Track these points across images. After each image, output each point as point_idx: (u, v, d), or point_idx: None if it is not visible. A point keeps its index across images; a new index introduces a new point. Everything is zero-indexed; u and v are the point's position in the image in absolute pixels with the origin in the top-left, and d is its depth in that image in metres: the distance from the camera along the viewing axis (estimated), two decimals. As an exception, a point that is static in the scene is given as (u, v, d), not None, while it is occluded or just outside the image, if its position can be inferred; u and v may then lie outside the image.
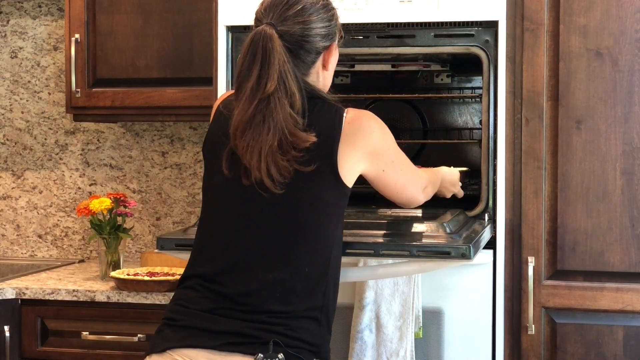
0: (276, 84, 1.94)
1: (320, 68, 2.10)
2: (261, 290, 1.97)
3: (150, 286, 2.92)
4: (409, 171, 2.22)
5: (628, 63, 2.57)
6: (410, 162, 2.25)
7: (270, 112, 1.93)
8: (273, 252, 1.99)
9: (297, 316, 1.98)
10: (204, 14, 3.13)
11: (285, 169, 1.95)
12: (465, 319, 2.60)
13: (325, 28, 2.05)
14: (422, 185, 2.29)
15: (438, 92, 3.18)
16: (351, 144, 2.03)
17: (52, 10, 3.73)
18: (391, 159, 2.13)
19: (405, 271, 2.32)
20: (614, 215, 2.58)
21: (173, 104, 3.24)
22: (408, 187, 2.21)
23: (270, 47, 1.94)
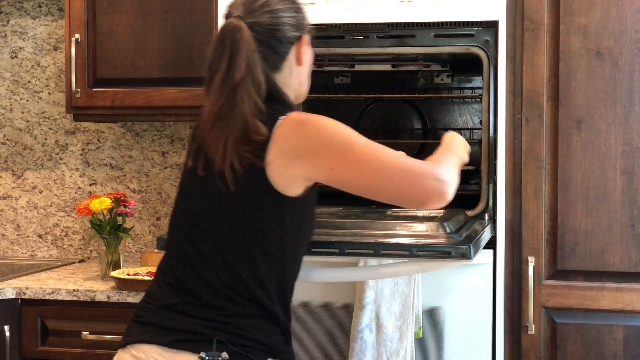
0: (244, 73, 1.93)
1: (294, 63, 2.05)
2: (214, 288, 1.97)
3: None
4: (381, 161, 1.91)
5: (628, 63, 2.57)
6: (393, 151, 1.94)
7: (237, 101, 1.92)
8: (227, 250, 1.98)
9: (248, 315, 1.97)
10: (204, 14, 3.13)
11: (246, 159, 1.92)
12: (465, 319, 2.60)
13: (294, 18, 2.02)
14: (421, 176, 1.89)
15: (438, 92, 3.18)
16: (284, 149, 1.92)
17: (52, 10, 3.73)
18: (340, 154, 1.91)
19: (405, 271, 2.32)
20: (614, 215, 2.58)
21: (173, 104, 3.23)
22: (388, 180, 1.89)
23: (239, 37, 1.94)
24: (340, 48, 2.74)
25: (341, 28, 2.72)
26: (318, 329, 2.67)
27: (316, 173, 1.95)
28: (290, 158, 1.92)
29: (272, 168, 1.93)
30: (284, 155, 1.92)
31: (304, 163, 1.93)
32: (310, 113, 2.00)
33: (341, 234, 2.26)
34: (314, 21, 2.69)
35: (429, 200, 1.91)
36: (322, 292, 2.67)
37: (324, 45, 2.74)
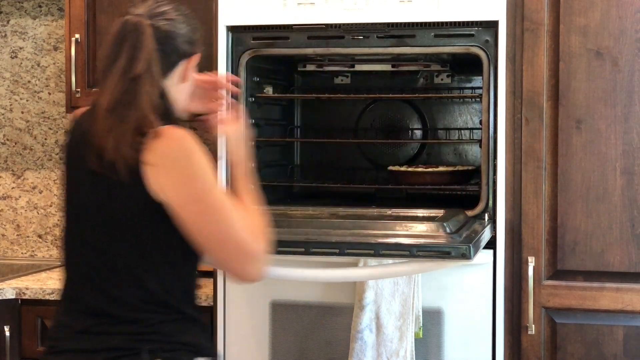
0: (145, 67, 1.93)
1: (179, 77, 2.05)
2: (128, 304, 1.94)
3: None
4: (226, 225, 1.90)
5: (628, 63, 2.57)
6: (237, 217, 1.93)
7: (137, 93, 1.92)
8: (129, 265, 1.94)
9: (168, 320, 1.97)
10: (204, 14, 3.13)
11: (139, 152, 1.89)
12: (465, 319, 2.60)
13: (189, 34, 2.06)
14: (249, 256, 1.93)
15: (438, 92, 3.18)
16: (153, 160, 1.89)
17: (52, 10, 3.73)
18: (198, 196, 1.89)
19: (405, 271, 2.32)
20: (614, 215, 2.58)
21: (173, 104, 3.23)
22: (223, 247, 1.91)
23: (141, 32, 1.95)
24: (340, 48, 2.74)
25: (341, 28, 2.72)
26: (318, 329, 2.67)
27: (168, 197, 1.89)
28: (156, 170, 1.89)
29: (151, 170, 1.89)
30: (159, 164, 1.89)
31: (167, 180, 1.89)
32: (193, 140, 1.96)
33: (341, 234, 2.26)
34: (314, 21, 2.70)
35: (244, 279, 1.97)
36: (322, 292, 2.67)
37: (324, 45, 2.74)
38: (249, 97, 2.86)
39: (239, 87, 2.80)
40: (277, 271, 2.32)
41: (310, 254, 2.24)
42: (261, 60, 2.90)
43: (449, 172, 2.94)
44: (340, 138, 3.23)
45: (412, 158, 3.25)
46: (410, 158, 3.25)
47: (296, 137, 3.28)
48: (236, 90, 2.38)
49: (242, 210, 2.00)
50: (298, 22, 2.72)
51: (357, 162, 3.28)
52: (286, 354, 2.70)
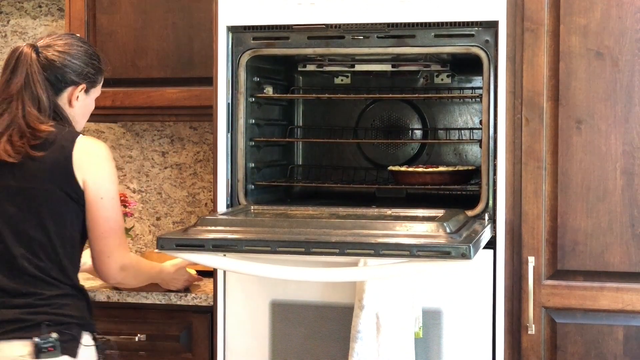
0: (21, 86, 2.37)
1: (67, 101, 2.47)
2: (25, 278, 2.30)
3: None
4: (115, 222, 2.41)
5: (628, 63, 2.57)
6: (123, 224, 2.47)
7: (11, 110, 2.37)
8: (30, 241, 2.32)
9: (62, 295, 2.31)
10: (204, 14, 3.13)
11: (20, 147, 2.32)
12: (465, 319, 2.60)
13: (80, 67, 2.48)
14: (119, 256, 2.43)
15: (438, 92, 3.18)
16: (79, 159, 2.35)
17: (52, 10, 3.73)
18: (112, 194, 2.40)
19: (405, 271, 2.32)
20: (614, 215, 2.58)
21: (173, 104, 3.24)
22: (105, 239, 2.40)
23: (22, 58, 2.41)
24: (340, 48, 2.74)
25: (341, 28, 2.72)
26: (318, 329, 2.67)
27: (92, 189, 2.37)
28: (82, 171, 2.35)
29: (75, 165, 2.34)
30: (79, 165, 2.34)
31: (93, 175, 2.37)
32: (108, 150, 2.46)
33: (341, 234, 2.26)
34: (314, 21, 2.70)
35: (102, 274, 2.44)
36: (322, 292, 2.67)
37: (324, 45, 2.74)
38: (249, 97, 2.86)
39: (239, 88, 2.81)
40: (277, 271, 2.32)
41: (310, 254, 2.23)
42: (261, 60, 2.90)
43: (449, 172, 2.94)
44: (340, 138, 3.23)
45: (412, 158, 3.25)
46: (410, 158, 3.25)
47: (296, 137, 3.29)
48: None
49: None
50: (298, 22, 2.73)
51: (357, 162, 3.28)
52: (286, 354, 2.70)
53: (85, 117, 2.56)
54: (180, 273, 2.83)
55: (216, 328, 2.78)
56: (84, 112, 2.54)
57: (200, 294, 2.91)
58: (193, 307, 2.92)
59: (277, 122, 3.19)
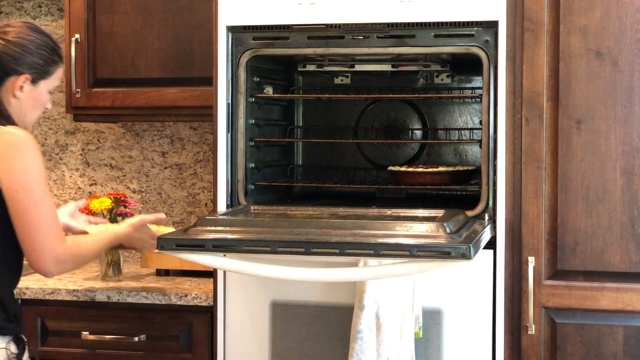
0: None
1: (11, 92, 2.38)
2: None
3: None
4: (42, 219, 2.30)
5: (628, 63, 2.57)
6: (54, 217, 2.34)
7: None
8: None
9: None
10: (204, 14, 3.13)
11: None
12: (465, 319, 2.60)
13: (23, 55, 2.38)
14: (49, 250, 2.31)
15: (438, 92, 3.18)
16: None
17: (52, 10, 3.73)
18: (29, 187, 2.28)
19: (405, 271, 2.32)
20: (614, 215, 2.58)
21: (173, 104, 3.24)
22: (30, 232, 2.29)
23: None
24: (340, 48, 2.74)
25: (341, 28, 2.72)
26: (318, 329, 2.67)
27: (3, 183, 2.27)
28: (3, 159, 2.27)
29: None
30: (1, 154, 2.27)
31: (6, 168, 2.26)
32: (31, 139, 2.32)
33: (341, 234, 2.26)
34: (314, 21, 2.70)
35: (38, 268, 2.33)
36: (322, 292, 2.67)
37: (324, 45, 2.74)
38: (249, 97, 2.86)
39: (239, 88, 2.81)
40: (277, 271, 2.32)
41: (310, 254, 2.23)
42: (261, 60, 2.90)
43: (449, 173, 2.94)
44: (340, 138, 3.23)
45: (412, 158, 3.25)
46: (410, 158, 3.25)
47: (296, 137, 3.28)
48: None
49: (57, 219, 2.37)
50: (298, 22, 2.73)
51: (357, 162, 3.28)
52: (286, 354, 2.70)
53: (36, 109, 2.45)
54: (142, 231, 2.66)
55: (216, 328, 2.78)
56: (33, 103, 2.43)
57: (200, 294, 2.91)
58: (193, 307, 2.92)
59: (277, 122, 3.19)
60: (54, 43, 2.46)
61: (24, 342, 2.38)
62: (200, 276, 3.21)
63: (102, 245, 2.55)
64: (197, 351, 2.93)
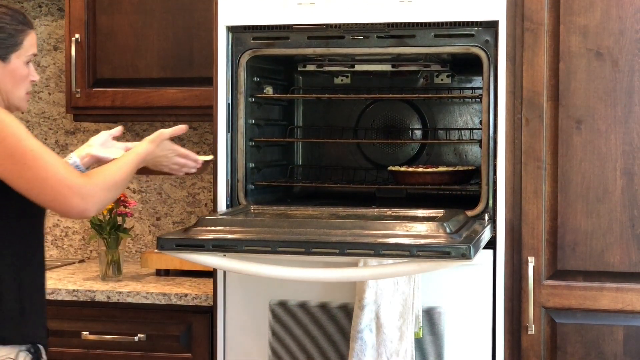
0: None
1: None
2: None
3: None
4: (40, 167, 2.08)
5: (628, 63, 2.57)
6: (57, 160, 2.12)
7: None
8: None
9: None
10: (204, 14, 3.13)
11: None
12: (465, 319, 2.60)
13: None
14: (69, 188, 2.10)
15: (438, 92, 3.18)
16: None
17: (52, 10, 3.73)
18: (9, 152, 2.07)
19: (405, 271, 2.32)
20: (614, 215, 2.58)
21: (173, 104, 3.24)
22: (40, 186, 2.09)
23: None
24: (340, 48, 2.74)
25: (341, 28, 2.72)
26: (318, 329, 2.67)
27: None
28: None
29: None
30: None
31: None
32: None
33: (341, 234, 2.26)
34: (314, 21, 2.70)
35: (71, 213, 2.15)
36: (322, 292, 2.67)
37: (324, 45, 2.74)
38: (249, 97, 2.86)
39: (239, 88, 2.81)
40: (277, 271, 2.32)
41: (310, 254, 2.24)
42: (261, 60, 2.90)
43: (449, 172, 2.94)
44: (340, 138, 3.23)
45: (412, 158, 3.25)
46: (410, 158, 3.25)
47: (296, 137, 3.28)
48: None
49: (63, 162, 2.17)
50: (298, 22, 2.73)
51: (357, 162, 3.28)
52: (286, 354, 2.70)
53: (18, 85, 2.26)
54: (164, 147, 2.46)
55: (216, 328, 2.78)
56: (12, 80, 2.24)
57: (200, 294, 2.91)
58: (193, 307, 2.92)
59: (277, 122, 3.19)
60: (13, 11, 2.26)
61: (38, 353, 2.22)
62: (200, 276, 3.21)
63: (127, 167, 2.30)
64: (197, 351, 2.93)
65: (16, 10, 2.26)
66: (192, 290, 2.97)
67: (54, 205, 2.12)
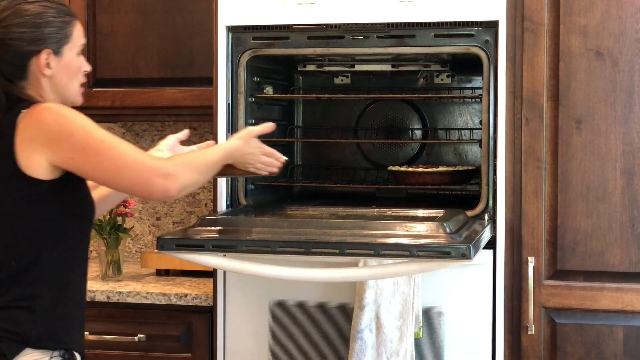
0: None
1: (39, 73, 2.16)
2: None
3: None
4: (115, 156, 2.07)
5: (628, 63, 2.57)
6: (129, 147, 2.10)
7: None
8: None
9: (3, 308, 2.08)
10: (204, 14, 3.13)
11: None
12: (465, 319, 2.60)
13: (29, 34, 2.14)
14: (149, 170, 2.07)
15: (438, 92, 3.18)
16: (26, 137, 2.06)
17: (52, 10, 3.73)
18: (80, 145, 2.05)
19: (405, 271, 2.32)
20: (614, 215, 2.58)
21: (173, 104, 3.24)
22: (120, 173, 2.07)
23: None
24: (340, 48, 2.74)
25: (341, 28, 2.72)
26: (318, 329, 2.67)
27: (58, 160, 2.06)
28: (33, 145, 2.05)
29: (20, 156, 2.06)
30: (26, 143, 2.05)
31: (45, 150, 2.05)
32: (58, 105, 2.13)
33: (341, 234, 2.26)
34: (314, 21, 2.70)
35: (153, 194, 2.10)
36: (322, 292, 2.67)
37: (324, 45, 2.74)
38: (249, 97, 2.86)
39: (239, 88, 2.81)
40: (277, 271, 2.32)
41: (310, 254, 2.24)
42: (261, 60, 2.90)
43: (449, 172, 2.94)
44: (340, 138, 3.23)
45: (412, 158, 3.25)
46: (410, 158, 3.25)
47: (296, 137, 3.28)
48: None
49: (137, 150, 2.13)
50: (298, 22, 2.73)
51: (357, 162, 3.28)
52: (286, 354, 2.70)
53: (73, 78, 2.23)
54: (252, 145, 2.40)
55: (216, 328, 2.78)
56: (67, 74, 2.21)
57: (200, 294, 2.91)
58: (193, 307, 2.92)
59: (277, 122, 3.18)
60: (56, 4, 2.21)
61: (73, 359, 2.15)
62: (200, 276, 3.21)
63: (210, 155, 2.27)
64: (197, 351, 2.93)
65: (59, 3, 2.22)
66: (192, 290, 2.97)
67: (136, 189, 2.10)
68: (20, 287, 2.08)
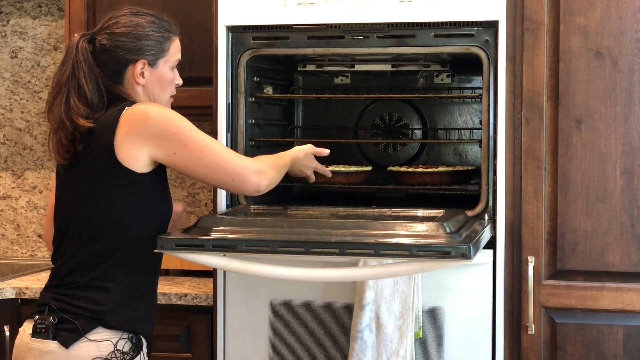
0: (67, 76, 2.32)
1: (133, 81, 2.36)
2: (62, 264, 2.29)
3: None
4: (215, 154, 2.30)
5: (628, 63, 2.57)
6: (224, 147, 2.41)
7: (60, 100, 2.32)
8: (70, 227, 2.28)
9: (82, 286, 2.25)
10: (204, 14, 3.13)
11: (64, 147, 2.30)
12: (465, 319, 2.60)
13: (131, 44, 2.35)
14: (245, 168, 2.33)
15: (438, 92, 3.18)
16: (127, 132, 2.23)
17: (52, 10, 3.73)
18: (183, 142, 2.26)
19: (405, 271, 2.32)
20: (614, 215, 2.58)
21: (173, 104, 3.23)
22: (219, 170, 2.30)
23: (72, 48, 2.34)
24: (340, 48, 2.74)
25: (341, 28, 2.72)
26: (318, 329, 2.67)
27: (161, 155, 2.26)
28: (137, 139, 2.23)
29: (120, 148, 2.23)
30: (129, 136, 2.23)
31: (149, 145, 2.24)
32: (161, 105, 2.36)
33: (341, 234, 2.26)
34: (314, 21, 2.71)
35: (247, 189, 2.35)
36: (322, 292, 2.67)
37: (324, 45, 2.74)
38: (249, 97, 2.86)
39: (239, 88, 2.81)
40: (277, 271, 2.32)
41: (310, 254, 2.23)
42: (261, 60, 2.90)
43: (449, 172, 2.94)
44: (340, 138, 3.23)
45: (412, 158, 3.25)
46: (410, 158, 3.25)
47: (296, 137, 3.28)
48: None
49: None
50: (298, 22, 2.73)
51: (357, 162, 3.28)
52: (286, 354, 2.70)
53: (164, 89, 2.42)
54: (308, 159, 2.68)
55: (216, 328, 2.78)
56: (159, 85, 2.40)
57: (200, 294, 2.91)
58: (193, 307, 2.92)
59: (277, 122, 3.19)
60: (160, 19, 2.42)
61: (140, 343, 2.27)
62: (200, 276, 3.21)
63: (285, 161, 2.55)
64: (197, 351, 2.93)
65: (162, 18, 2.43)
66: (192, 290, 2.97)
67: (233, 184, 2.33)
68: (100, 268, 2.24)
